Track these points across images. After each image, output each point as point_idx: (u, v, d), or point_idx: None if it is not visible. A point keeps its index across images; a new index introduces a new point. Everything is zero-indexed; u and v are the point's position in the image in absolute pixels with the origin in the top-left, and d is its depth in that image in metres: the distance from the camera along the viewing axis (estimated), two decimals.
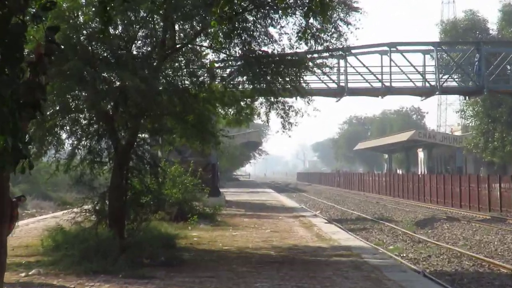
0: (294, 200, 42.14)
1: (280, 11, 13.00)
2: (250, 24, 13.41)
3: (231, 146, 59.11)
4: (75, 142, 13.30)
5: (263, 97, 14.92)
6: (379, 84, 35.13)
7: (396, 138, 65.15)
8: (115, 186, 12.72)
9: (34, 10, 4.64)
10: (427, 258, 16.74)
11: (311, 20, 13.02)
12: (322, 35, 13.66)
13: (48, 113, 12.36)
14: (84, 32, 12.22)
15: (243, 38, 13.38)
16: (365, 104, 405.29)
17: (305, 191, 64.55)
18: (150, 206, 14.23)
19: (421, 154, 73.34)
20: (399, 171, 75.81)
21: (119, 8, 10.76)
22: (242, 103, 15.39)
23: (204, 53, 14.47)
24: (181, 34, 13.71)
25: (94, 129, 13.34)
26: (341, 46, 14.27)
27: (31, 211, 25.93)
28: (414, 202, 42.15)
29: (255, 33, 13.48)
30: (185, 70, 13.63)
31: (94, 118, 13.14)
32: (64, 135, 13.42)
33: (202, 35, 13.65)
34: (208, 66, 14.13)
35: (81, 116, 13.22)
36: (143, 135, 14.43)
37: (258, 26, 13.53)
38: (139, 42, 13.25)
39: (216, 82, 14.70)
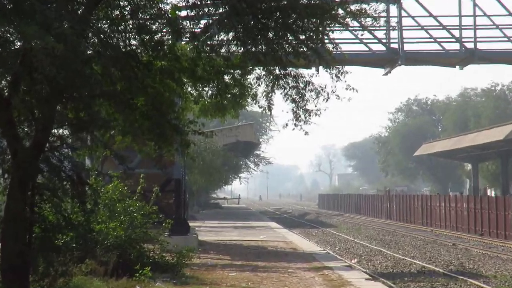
0: (313, 241, 42.08)
1: None
2: None
3: (209, 150, 59.22)
4: None
5: (261, 67, 14.96)
6: (456, 46, 35.24)
7: (486, 136, 65.28)
8: (13, 216, 12.74)
9: None
10: None
11: None
12: None
13: None
14: None
15: None
16: (432, 79, 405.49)
17: (333, 225, 64.57)
18: (72, 250, 14.26)
19: None
20: (491, 192, 75.92)
21: None
22: (226, 78, 15.42)
23: None
24: None
25: None
26: None
27: None
28: None
29: None
30: (130, 22, 13.65)
31: None
32: None
33: None
34: (169, 15, 14.16)
35: None
36: (60, 131, 14.44)
37: None
38: None
39: (183, 43, 14.72)
